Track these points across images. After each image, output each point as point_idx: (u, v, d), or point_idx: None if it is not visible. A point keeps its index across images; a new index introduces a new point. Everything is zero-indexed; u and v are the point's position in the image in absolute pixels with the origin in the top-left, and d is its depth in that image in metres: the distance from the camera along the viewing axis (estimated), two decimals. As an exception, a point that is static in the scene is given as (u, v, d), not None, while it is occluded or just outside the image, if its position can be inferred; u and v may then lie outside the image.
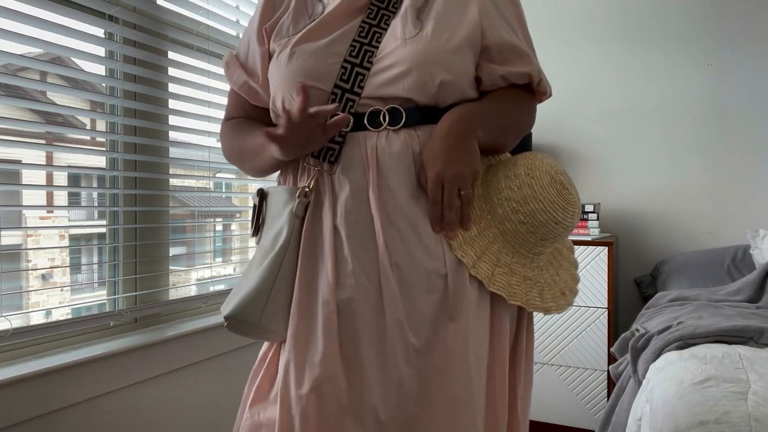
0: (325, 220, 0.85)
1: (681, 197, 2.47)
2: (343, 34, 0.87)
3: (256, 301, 0.83)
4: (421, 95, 0.85)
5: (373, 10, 0.88)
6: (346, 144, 0.86)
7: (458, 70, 0.88)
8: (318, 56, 0.87)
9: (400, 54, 0.84)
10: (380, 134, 0.85)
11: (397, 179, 0.84)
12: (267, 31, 0.95)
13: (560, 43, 2.68)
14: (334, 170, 0.85)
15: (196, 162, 1.72)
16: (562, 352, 2.18)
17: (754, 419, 0.98)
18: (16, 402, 1.14)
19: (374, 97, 0.86)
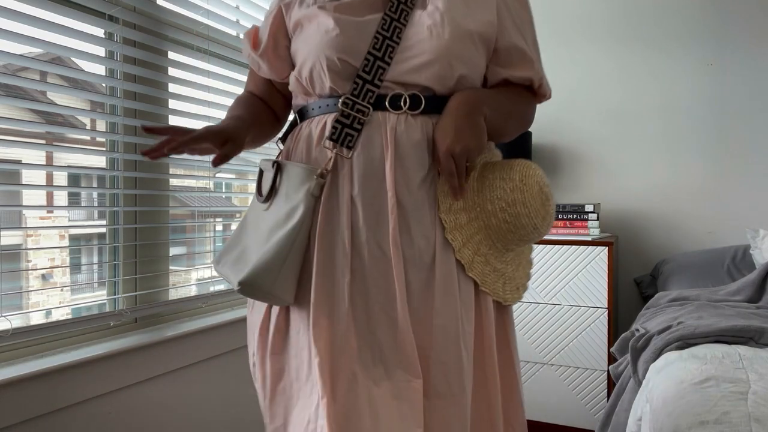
0: (343, 192, 0.91)
1: (681, 197, 2.47)
2: (374, 19, 0.92)
3: (271, 271, 0.88)
4: (441, 86, 0.93)
5: (394, 4, 0.93)
6: (367, 123, 0.91)
7: (474, 65, 0.96)
8: (354, 32, 0.92)
9: (425, 46, 0.91)
10: (399, 117, 0.92)
11: (412, 162, 0.91)
12: (282, 9, 1.01)
13: (560, 42, 2.68)
14: (350, 155, 0.91)
15: (196, 162, 1.72)
16: (562, 352, 2.18)
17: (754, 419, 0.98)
18: (16, 402, 1.14)
19: (397, 82, 0.92)
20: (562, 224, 2.30)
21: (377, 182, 0.90)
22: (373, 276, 0.89)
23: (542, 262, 2.22)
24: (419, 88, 0.93)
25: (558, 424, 2.19)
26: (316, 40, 0.93)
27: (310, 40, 0.94)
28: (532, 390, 2.23)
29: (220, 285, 1.82)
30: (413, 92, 0.92)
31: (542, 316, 2.21)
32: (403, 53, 0.92)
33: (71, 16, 1.32)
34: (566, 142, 2.66)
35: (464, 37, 0.93)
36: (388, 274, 0.89)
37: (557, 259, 2.19)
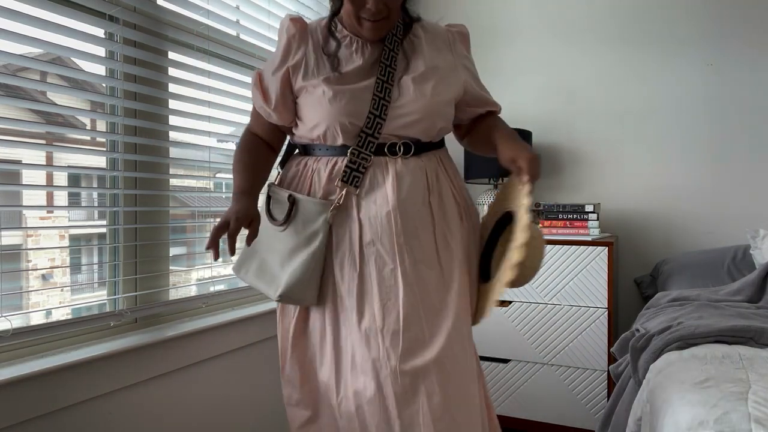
0: (353, 218, 1.19)
1: (681, 197, 2.47)
2: (369, 85, 1.19)
3: (302, 284, 1.17)
4: (426, 136, 1.24)
5: (383, 68, 1.20)
6: (373, 164, 1.19)
7: (449, 118, 1.29)
8: (358, 101, 1.18)
9: (414, 107, 1.20)
10: (397, 160, 1.20)
11: (408, 193, 1.19)
12: (289, 71, 1.22)
13: (560, 43, 2.68)
14: (357, 192, 1.19)
15: (196, 162, 1.72)
16: (562, 352, 2.18)
17: (754, 419, 0.98)
18: (16, 402, 1.14)
19: (393, 134, 1.20)
20: (562, 224, 2.30)
21: (384, 210, 1.17)
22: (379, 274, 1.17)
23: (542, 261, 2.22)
24: (409, 138, 1.21)
25: (558, 424, 2.19)
26: (327, 108, 1.18)
27: (319, 107, 1.19)
28: (532, 390, 2.23)
29: (220, 285, 1.82)
30: (405, 141, 1.21)
31: (542, 316, 2.21)
32: (395, 111, 1.19)
33: (71, 16, 1.32)
34: (566, 142, 2.66)
35: (442, 101, 1.23)
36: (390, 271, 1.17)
37: (557, 259, 2.19)
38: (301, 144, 1.29)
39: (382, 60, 1.21)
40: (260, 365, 1.85)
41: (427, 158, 1.24)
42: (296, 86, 1.22)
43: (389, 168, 1.19)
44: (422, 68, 1.22)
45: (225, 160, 1.88)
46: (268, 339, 1.87)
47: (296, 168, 1.26)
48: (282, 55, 1.23)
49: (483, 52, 2.80)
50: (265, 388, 1.88)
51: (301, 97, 1.22)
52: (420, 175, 1.21)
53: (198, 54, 1.66)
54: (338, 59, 1.21)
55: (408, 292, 1.15)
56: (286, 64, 1.22)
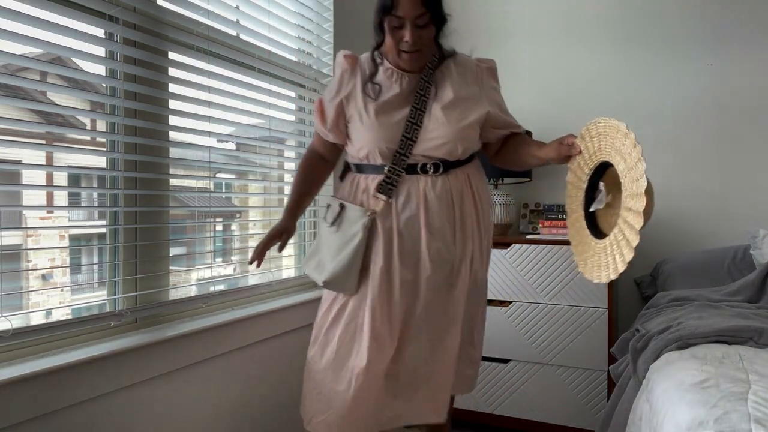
0: (393, 224, 1.49)
1: (681, 197, 2.47)
2: (403, 117, 1.48)
3: (343, 273, 1.47)
4: (451, 156, 1.51)
5: (418, 97, 1.49)
6: (405, 181, 1.49)
7: (473, 141, 1.55)
8: (393, 129, 1.47)
9: (442, 131, 1.47)
10: (427, 178, 1.50)
11: (438, 210, 1.49)
12: (342, 101, 1.52)
13: (561, 43, 2.68)
14: (390, 201, 1.49)
15: (196, 162, 1.72)
16: (562, 352, 2.18)
17: (754, 419, 0.98)
18: (16, 402, 1.14)
19: (424, 155, 1.49)
20: (562, 224, 2.30)
21: (414, 219, 1.49)
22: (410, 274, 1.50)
23: (542, 262, 2.22)
24: (437, 159, 1.50)
25: (558, 424, 2.19)
26: (369, 136, 1.48)
27: (364, 134, 1.50)
28: (532, 390, 2.23)
29: (220, 285, 1.82)
30: (434, 161, 1.50)
31: (542, 316, 2.21)
32: (425, 135, 1.48)
33: (71, 16, 1.31)
34: (566, 142, 2.66)
35: (466, 126, 1.50)
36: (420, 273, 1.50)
37: (557, 259, 2.19)
38: (353, 163, 1.58)
39: (418, 90, 1.49)
40: (260, 365, 1.85)
41: (454, 175, 1.53)
42: (347, 114, 1.53)
43: (420, 184, 1.49)
44: (450, 98, 1.49)
45: (225, 160, 1.88)
46: (268, 339, 1.87)
47: (350, 184, 1.57)
48: (336, 87, 1.53)
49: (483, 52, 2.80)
50: (265, 388, 1.88)
51: (351, 123, 1.53)
52: (445, 190, 1.51)
53: (198, 54, 1.66)
54: (381, 87, 1.49)
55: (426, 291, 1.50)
56: (339, 95, 1.52)
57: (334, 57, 2.27)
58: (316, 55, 2.29)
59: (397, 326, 1.50)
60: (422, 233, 1.48)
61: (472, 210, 1.56)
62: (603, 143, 1.39)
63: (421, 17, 1.39)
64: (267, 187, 2.08)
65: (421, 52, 1.45)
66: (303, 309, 2.04)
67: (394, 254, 1.49)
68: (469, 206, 1.55)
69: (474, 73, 1.57)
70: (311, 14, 2.21)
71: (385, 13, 1.40)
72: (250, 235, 2.13)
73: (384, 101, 1.48)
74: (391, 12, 1.38)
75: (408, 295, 1.51)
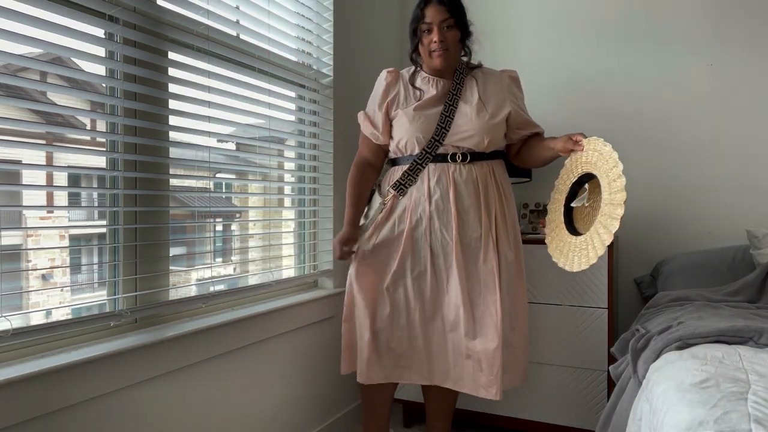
0: (423, 207, 1.80)
1: (681, 197, 2.47)
2: (437, 112, 1.79)
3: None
4: (477, 148, 1.80)
5: (450, 96, 1.80)
6: (437, 168, 1.79)
7: (498, 135, 1.84)
8: (429, 121, 1.79)
9: (470, 126, 1.78)
10: (456, 165, 1.79)
11: (466, 192, 1.78)
12: (388, 105, 1.86)
13: (561, 43, 2.68)
14: (400, 197, 1.83)
15: (196, 162, 1.72)
16: (562, 352, 2.18)
17: (754, 419, 0.98)
18: (16, 402, 1.14)
19: (454, 145, 1.79)
20: (562, 224, 2.30)
21: (445, 201, 1.78)
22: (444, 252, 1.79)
23: (542, 262, 2.22)
24: (466, 149, 1.79)
25: (558, 424, 2.19)
26: (407, 127, 1.80)
27: (404, 126, 1.81)
28: (532, 390, 2.23)
29: (220, 285, 1.82)
30: (463, 151, 1.79)
31: (542, 316, 2.21)
32: (456, 128, 1.78)
33: (71, 16, 1.31)
34: (566, 142, 2.66)
35: (491, 123, 1.79)
36: (451, 252, 1.78)
37: (557, 259, 2.19)
38: (390, 158, 1.91)
39: (450, 90, 1.80)
40: (260, 365, 1.85)
41: (479, 165, 1.80)
42: (392, 114, 1.86)
43: (450, 170, 1.78)
44: (477, 99, 1.80)
45: (225, 160, 1.88)
46: (268, 339, 1.87)
47: (385, 174, 1.92)
48: (382, 96, 1.86)
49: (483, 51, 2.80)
50: (265, 388, 1.88)
51: (394, 121, 1.85)
52: (471, 177, 1.79)
53: (198, 54, 1.66)
54: (422, 90, 1.82)
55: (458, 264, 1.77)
56: (386, 101, 1.85)
57: (334, 57, 2.27)
58: (316, 55, 2.28)
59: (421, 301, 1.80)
60: (452, 210, 1.76)
61: (496, 197, 1.81)
62: (594, 158, 1.64)
63: (446, 21, 1.73)
64: (267, 187, 2.08)
65: (448, 51, 1.75)
66: (303, 309, 2.04)
67: (422, 231, 1.79)
68: (493, 193, 1.81)
69: (499, 81, 1.86)
70: (311, 14, 2.21)
71: (417, 22, 1.75)
72: (250, 235, 2.13)
73: (422, 101, 1.80)
74: (422, 19, 1.74)
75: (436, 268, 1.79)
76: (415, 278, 1.80)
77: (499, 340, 1.73)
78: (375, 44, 2.59)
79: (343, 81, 2.33)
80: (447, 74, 1.83)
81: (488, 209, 1.79)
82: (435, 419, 2.01)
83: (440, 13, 1.71)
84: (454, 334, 1.78)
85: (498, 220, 1.81)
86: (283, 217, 2.22)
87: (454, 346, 1.79)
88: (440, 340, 1.80)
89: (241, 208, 2.20)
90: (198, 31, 1.66)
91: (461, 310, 1.75)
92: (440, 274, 1.79)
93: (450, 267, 1.77)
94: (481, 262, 1.78)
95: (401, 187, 1.80)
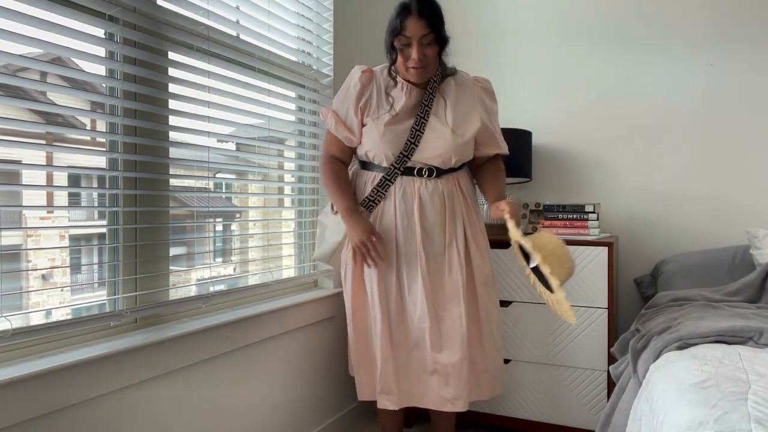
0: (389, 219, 1.77)
1: (681, 197, 2.47)
2: (406, 128, 1.74)
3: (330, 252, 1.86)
4: (444, 165, 1.78)
5: (422, 107, 1.75)
6: (403, 181, 1.77)
7: (465, 152, 1.81)
8: (399, 138, 1.74)
9: (437, 144, 1.74)
10: (422, 180, 1.77)
11: (431, 206, 1.77)
12: (361, 108, 1.77)
13: (561, 43, 2.68)
14: (369, 216, 1.79)
15: (196, 162, 1.72)
16: (562, 352, 2.18)
17: (754, 419, 0.98)
18: (16, 402, 1.14)
19: (421, 162, 1.76)
20: (562, 224, 2.30)
21: (409, 215, 1.76)
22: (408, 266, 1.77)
23: (542, 262, 2.22)
24: (432, 166, 1.76)
25: (558, 424, 2.19)
26: (377, 141, 1.74)
27: (374, 139, 1.75)
28: (532, 390, 2.23)
29: (220, 285, 1.82)
30: (430, 167, 1.76)
31: (542, 316, 2.21)
32: (425, 144, 1.74)
33: (71, 16, 1.31)
34: (566, 142, 2.66)
35: (461, 144, 1.76)
36: (416, 264, 1.76)
37: (557, 259, 2.19)
38: (360, 160, 1.86)
39: (423, 101, 1.74)
40: (260, 365, 1.85)
41: (445, 180, 1.79)
42: (364, 119, 1.77)
43: (415, 185, 1.76)
44: (450, 116, 1.75)
45: (225, 160, 1.88)
46: (268, 339, 1.87)
47: (356, 178, 1.86)
48: (356, 99, 1.76)
49: (484, 53, 2.80)
50: (265, 388, 1.88)
51: (365, 128, 1.78)
52: (437, 191, 1.77)
53: (198, 54, 1.66)
54: (393, 99, 1.75)
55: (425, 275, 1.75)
56: (359, 103, 1.77)
57: (334, 57, 2.27)
58: (316, 55, 2.29)
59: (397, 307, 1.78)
60: (416, 225, 1.74)
61: (463, 207, 1.81)
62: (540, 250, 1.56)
63: (426, 36, 1.63)
64: (267, 187, 2.08)
65: (426, 68, 1.68)
66: (303, 309, 2.04)
67: (388, 242, 1.76)
68: (459, 203, 1.80)
69: (471, 90, 1.82)
70: (311, 14, 2.21)
71: (395, 34, 1.64)
72: (249, 235, 2.13)
73: (393, 116, 1.73)
74: (401, 32, 1.63)
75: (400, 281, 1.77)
76: (381, 294, 1.77)
77: (464, 353, 1.73)
78: (375, 44, 2.58)
79: (343, 81, 2.33)
80: (421, 83, 1.77)
81: (454, 221, 1.77)
82: (439, 420, 2.01)
83: (420, 27, 1.61)
84: (418, 351, 1.78)
85: (467, 231, 1.80)
86: (283, 217, 2.22)
87: (418, 364, 1.78)
88: (405, 358, 1.80)
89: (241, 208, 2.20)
90: (198, 31, 1.66)
91: (427, 324, 1.74)
92: (403, 289, 1.77)
93: (414, 280, 1.75)
94: (446, 274, 1.76)
95: (371, 204, 1.77)
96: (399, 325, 1.78)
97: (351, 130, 1.78)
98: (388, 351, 1.77)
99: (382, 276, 1.77)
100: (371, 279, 1.77)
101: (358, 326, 1.84)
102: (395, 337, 1.78)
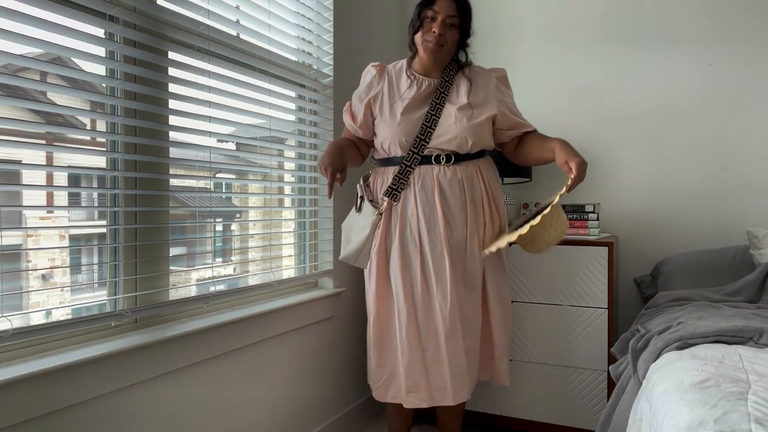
0: (411, 209, 1.79)
1: (681, 197, 2.47)
2: (421, 115, 1.78)
3: (355, 254, 1.87)
4: (461, 149, 1.80)
5: (437, 95, 1.79)
6: (421, 170, 1.79)
7: (482, 136, 1.80)
8: (412, 125, 1.78)
9: (452, 128, 1.76)
10: (440, 167, 1.79)
11: (451, 194, 1.78)
12: (370, 101, 1.86)
13: (561, 44, 2.68)
14: (395, 204, 1.81)
15: (196, 162, 1.72)
16: (562, 352, 2.18)
17: (754, 419, 0.98)
18: (16, 402, 1.14)
19: (437, 147, 1.79)
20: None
21: (431, 203, 1.78)
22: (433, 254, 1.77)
23: (542, 262, 2.22)
24: (449, 151, 1.79)
25: (558, 424, 2.19)
26: (392, 129, 1.79)
27: (387, 128, 1.80)
28: (533, 390, 2.23)
29: (221, 285, 1.82)
30: (447, 153, 1.79)
31: (542, 316, 2.21)
32: (440, 129, 1.77)
33: (71, 16, 1.31)
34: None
35: (475, 124, 1.77)
36: (441, 253, 1.77)
37: (557, 259, 2.19)
38: (378, 159, 1.91)
39: (438, 89, 1.78)
40: (261, 365, 1.85)
41: (464, 166, 1.79)
42: (374, 112, 1.86)
43: (434, 172, 1.78)
44: (463, 102, 1.77)
45: (225, 160, 1.88)
46: (268, 339, 1.87)
47: (374, 175, 1.91)
48: (366, 90, 1.85)
49: (485, 53, 2.80)
50: (265, 388, 1.88)
51: (378, 119, 1.85)
52: (456, 178, 1.78)
53: (198, 54, 1.66)
54: (407, 89, 1.79)
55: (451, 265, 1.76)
56: (368, 95, 1.84)
57: (334, 57, 2.27)
58: (316, 55, 2.28)
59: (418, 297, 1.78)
60: (438, 213, 1.75)
61: (484, 196, 1.81)
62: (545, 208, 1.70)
63: (452, 18, 1.70)
64: (267, 187, 2.08)
65: (442, 48, 1.71)
66: (303, 309, 2.04)
67: (411, 233, 1.78)
68: (479, 192, 1.80)
69: (487, 81, 1.83)
70: (311, 14, 2.21)
71: (425, 5, 1.69)
72: (250, 235, 2.13)
73: (406, 102, 1.78)
74: (430, 5, 1.68)
75: (425, 271, 1.77)
76: (406, 286, 1.78)
77: (476, 341, 1.81)
78: (375, 44, 2.58)
79: (343, 81, 2.33)
80: (434, 72, 1.81)
81: (475, 209, 1.79)
82: (448, 419, 2.00)
83: (449, 7, 1.68)
84: (450, 342, 1.75)
85: (486, 219, 1.81)
86: (283, 217, 2.22)
87: (452, 356, 1.75)
88: (434, 353, 1.77)
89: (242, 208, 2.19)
90: (198, 31, 1.66)
91: (457, 312, 1.75)
92: (429, 280, 1.77)
93: (441, 269, 1.75)
94: (468, 262, 1.79)
95: (394, 193, 1.79)
96: (426, 318, 1.77)
97: (355, 119, 1.87)
98: (416, 345, 1.76)
99: (406, 267, 1.78)
100: (395, 271, 1.79)
101: (383, 325, 1.84)
102: (423, 330, 1.77)
